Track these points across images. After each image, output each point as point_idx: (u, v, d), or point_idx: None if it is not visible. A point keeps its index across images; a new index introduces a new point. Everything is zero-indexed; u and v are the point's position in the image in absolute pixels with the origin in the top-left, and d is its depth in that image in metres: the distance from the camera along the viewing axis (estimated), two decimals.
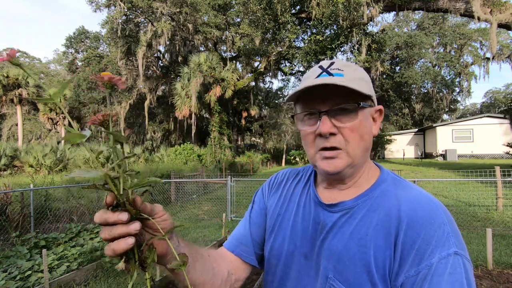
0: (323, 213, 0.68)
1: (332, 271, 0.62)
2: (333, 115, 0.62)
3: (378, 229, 0.59)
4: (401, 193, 0.62)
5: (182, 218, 7.23)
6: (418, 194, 0.61)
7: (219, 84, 19.25)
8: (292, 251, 0.70)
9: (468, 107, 54.76)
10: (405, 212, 0.58)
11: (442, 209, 0.58)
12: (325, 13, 15.07)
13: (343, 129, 0.62)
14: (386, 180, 0.67)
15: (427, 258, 0.53)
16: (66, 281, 3.27)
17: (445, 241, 0.54)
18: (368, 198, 0.64)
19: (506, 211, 6.32)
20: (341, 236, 0.63)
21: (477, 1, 13.04)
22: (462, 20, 31.37)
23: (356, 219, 0.63)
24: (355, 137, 0.62)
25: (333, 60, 0.67)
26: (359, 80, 0.64)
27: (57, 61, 47.22)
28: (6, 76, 24.81)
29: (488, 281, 3.33)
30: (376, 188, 0.65)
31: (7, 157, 15.85)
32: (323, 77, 0.63)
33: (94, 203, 7.28)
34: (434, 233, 0.54)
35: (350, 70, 0.65)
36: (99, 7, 22.06)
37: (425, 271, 0.52)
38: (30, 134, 36.77)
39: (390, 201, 0.62)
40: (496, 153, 21.77)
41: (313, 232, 0.68)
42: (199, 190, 10.54)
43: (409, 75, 29.32)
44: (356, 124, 0.62)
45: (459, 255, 0.53)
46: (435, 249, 0.53)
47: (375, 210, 0.62)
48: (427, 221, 0.56)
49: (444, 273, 0.51)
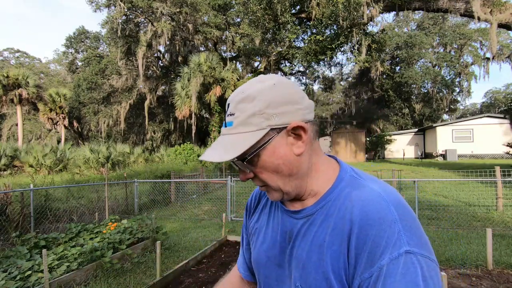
0: (289, 221, 0.69)
1: (299, 280, 0.63)
2: (241, 164, 0.64)
3: (333, 234, 0.59)
4: (355, 193, 0.61)
5: (182, 218, 7.23)
6: (370, 192, 0.59)
7: (219, 84, 19.25)
8: (266, 262, 0.72)
9: (468, 107, 54.80)
10: (356, 214, 0.57)
11: (394, 205, 0.56)
12: (325, 13, 15.07)
13: (254, 173, 0.64)
14: (343, 179, 0.66)
15: (378, 259, 0.52)
16: (66, 281, 3.27)
17: (396, 241, 0.52)
18: (326, 202, 0.64)
19: (506, 211, 6.32)
20: (305, 245, 0.64)
21: (477, 1, 13.04)
22: (462, 20, 31.36)
23: (316, 226, 0.63)
24: (268, 176, 0.63)
25: (231, 98, 0.64)
26: (250, 118, 0.60)
27: (57, 61, 47.21)
28: (6, 76, 24.80)
29: (488, 281, 3.33)
30: (333, 191, 0.65)
31: (7, 157, 15.86)
32: (222, 129, 0.65)
33: (94, 203, 7.28)
34: (384, 234, 0.53)
35: (243, 107, 0.61)
36: (99, 7, 22.07)
37: (377, 273, 0.51)
38: (30, 134, 36.76)
39: (345, 203, 0.61)
40: (496, 153, 21.77)
41: (282, 241, 0.70)
42: (199, 190, 10.53)
43: (409, 75, 29.30)
44: (259, 167, 0.63)
45: (411, 253, 0.51)
46: (386, 250, 0.52)
47: (332, 214, 0.62)
48: (377, 221, 0.54)
49: (396, 274, 0.50)
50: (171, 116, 26.10)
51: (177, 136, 28.02)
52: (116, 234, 4.50)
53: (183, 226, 6.44)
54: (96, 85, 26.04)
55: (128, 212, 7.79)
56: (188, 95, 19.11)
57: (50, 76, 44.08)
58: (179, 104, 19.37)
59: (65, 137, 29.11)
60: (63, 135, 28.78)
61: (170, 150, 18.50)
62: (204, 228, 6.19)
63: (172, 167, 12.14)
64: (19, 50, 45.79)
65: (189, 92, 19.02)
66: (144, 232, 4.80)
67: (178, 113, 19.59)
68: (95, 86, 26.05)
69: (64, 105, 26.47)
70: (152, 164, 14.72)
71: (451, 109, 37.03)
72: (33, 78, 26.83)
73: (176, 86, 19.80)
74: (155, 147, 26.56)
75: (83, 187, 7.78)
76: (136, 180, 8.31)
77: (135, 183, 8.19)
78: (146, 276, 3.72)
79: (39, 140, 36.01)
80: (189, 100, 19.08)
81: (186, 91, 19.13)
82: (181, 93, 19.32)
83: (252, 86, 0.63)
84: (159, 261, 3.47)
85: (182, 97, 19.23)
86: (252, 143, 0.59)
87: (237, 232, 5.65)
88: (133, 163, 15.88)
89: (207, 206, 8.49)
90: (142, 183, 8.83)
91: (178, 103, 19.48)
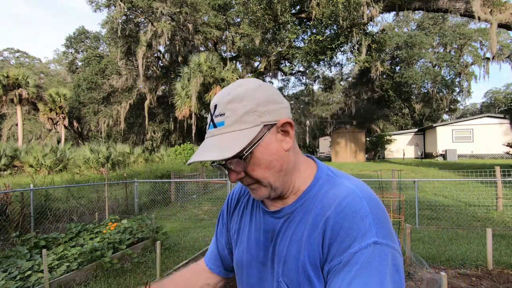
0: (271, 221, 0.72)
1: (281, 275, 0.66)
2: (231, 166, 0.64)
3: (310, 229, 0.63)
4: (331, 191, 0.65)
5: (182, 218, 7.22)
6: (345, 189, 0.63)
7: (219, 84, 19.25)
8: (249, 261, 0.75)
9: (468, 107, 54.82)
10: (332, 210, 0.61)
11: (367, 200, 0.60)
12: (325, 13, 15.07)
13: (246, 172, 0.65)
14: (321, 178, 0.69)
15: (347, 248, 0.56)
16: (66, 281, 3.27)
17: (366, 232, 0.55)
18: (305, 200, 0.68)
19: (506, 211, 6.32)
20: (285, 241, 0.67)
21: (477, 1, 13.04)
22: (462, 20, 31.36)
23: (295, 223, 0.67)
24: (260, 173, 0.64)
25: (217, 100, 0.65)
26: (243, 116, 0.62)
27: (57, 61, 47.21)
28: (6, 76, 24.80)
29: (488, 281, 3.33)
30: (311, 189, 0.68)
31: (7, 157, 15.86)
32: (209, 130, 0.65)
33: (94, 203, 7.28)
34: (355, 225, 0.57)
35: (234, 106, 0.62)
36: (99, 7, 22.08)
37: (346, 260, 0.55)
38: (30, 134, 36.76)
39: (322, 200, 0.64)
40: (496, 153, 21.77)
41: (264, 240, 0.72)
42: (199, 190, 10.53)
43: (409, 75, 29.30)
44: (253, 164, 0.64)
45: (379, 244, 0.55)
46: (356, 240, 0.55)
47: (310, 211, 0.65)
48: (350, 214, 0.58)
49: (362, 261, 0.54)
50: (171, 116, 26.10)
51: (177, 136, 28.01)
52: (116, 234, 4.50)
53: (183, 226, 6.44)
54: (96, 85, 26.04)
55: (128, 212, 7.79)
56: (188, 95, 19.11)
57: (50, 76, 44.09)
58: (179, 104, 19.37)
59: (65, 137, 29.12)
60: (63, 135, 28.78)
61: (170, 150, 18.48)
62: (204, 228, 6.19)
63: (172, 167, 12.13)
64: (19, 50, 45.84)
65: (189, 92, 19.02)
66: (144, 232, 4.80)
67: (178, 113, 19.59)
68: (95, 86, 26.05)
69: (64, 105, 26.47)
70: (152, 164, 14.70)
71: (451, 109, 37.04)
72: (33, 78, 26.83)
73: (176, 86, 19.80)
74: (155, 147, 26.54)
75: (83, 187, 7.78)
76: (136, 180, 8.31)
77: (135, 183, 8.19)
78: (146, 276, 3.72)
79: (39, 140, 36.01)
80: (189, 100, 19.08)
81: (186, 91, 19.13)
82: (181, 93, 19.32)
83: (237, 88, 0.65)
84: (159, 261, 3.47)
85: (182, 97, 19.23)
86: (249, 139, 0.61)
87: None
88: (133, 163, 15.87)
89: (207, 206, 8.49)
90: (142, 183, 8.83)
91: (178, 103, 19.48)
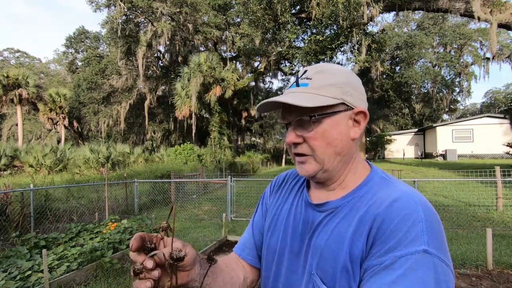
0: (312, 213, 0.71)
1: (315, 268, 0.64)
2: (295, 126, 0.66)
3: (356, 225, 0.61)
4: (384, 192, 0.63)
5: (182, 218, 7.22)
6: (400, 191, 0.61)
7: (219, 84, 19.25)
8: (283, 249, 0.73)
9: (468, 107, 54.80)
10: (383, 209, 0.59)
11: (422, 206, 0.57)
12: (325, 13, 15.07)
13: (306, 138, 0.65)
14: (373, 179, 0.68)
15: (392, 250, 0.53)
16: (66, 281, 3.26)
17: (416, 238, 0.52)
18: (352, 198, 0.67)
19: (506, 211, 6.32)
20: (324, 234, 0.65)
21: (477, 1, 13.04)
22: (462, 20, 31.35)
23: (339, 217, 0.65)
24: (320, 145, 0.65)
25: (308, 68, 0.68)
26: (328, 86, 0.64)
27: (57, 61, 47.20)
28: (6, 76, 24.79)
29: (488, 281, 3.33)
30: (361, 188, 0.67)
31: (7, 157, 15.85)
32: (291, 89, 0.67)
33: (94, 203, 7.28)
34: (404, 228, 0.54)
35: (322, 76, 0.66)
36: (99, 7, 22.07)
37: (387, 262, 0.53)
38: (30, 134, 36.74)
39: (372, 199, 0.63)
40: (496, 153, 21.77)
41: (302, 230, 0.71)
42: (199, 190, 10.53)
43: (409, 75, 29.29)
44: (317, 133, 0.65)
45: (429, 254, 0.51)
46: (402, 243, 0.53)
47: (358, 208, 0.64)
48: (401, 216, 0.55)
49: (406, 268, 0.51)
50: (171, 116, 26.10)
51: (177, 136, 28.00)
52: (116, 234, 4.50)
53: (183, 226, 6.43)
54: (96, 85, 26.03)
55: (128, 212, 7.79)
56: (188, 95, 19.10)
57: (50, 76, 44.08)
58: (179, 104, 19.36)
59: (65, 137, 29.11)
60: (63, 135, 28.78)
61: (170, 150, 18.48)
62: (204, 228, 6.18)
63: (172, 167, 12.13)
64: (19, 50, 45.82)
65: (189, 92, 19.02)
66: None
67: (178, 113, 19.59)
68: (95, 86, 26.04)
69: (64, 105, 26.47)
70: (152, 164, 14.70)
71: (451, 109, 37.03)
72: (33, 78, 26.81)
73: (176, 86, 19.80)
74: (155, 147, 26.54)
75: (83, 187, 7.78)
76: (136, 180, 8.31)
77: (135, 183, 8.19)
78: None
79: (39, 140, 36.00)
80: (189, 100, 19.08)
81: (186, 91, 19.12)
82: (181, 93, 19.32)
83: (330, 66, 0.68)
84: None
85: (182, 97, 19.23)
86: (326, 104, 0.63)
87: (237, 232, 5.65)
88: (133, 163, 15.86)
89: (207, 206, 8.49)
90: (142, 183, 8.83)
91: (178, 103, 19.47)
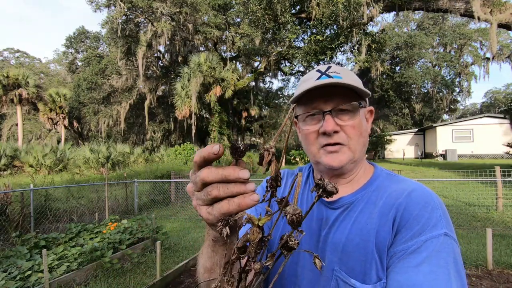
0: (325, 210, 0.71)
1: (337, 263, 0.64)
2: (335, 114, 0.68)
3: (377, 217, 0.63)
4: (397, 185, 0.67)
5: (182, 218, 7.22)
6: (413, 184, 0.66)
7: (219, 84, 19.24)
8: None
9: (468, 107, 54.77)
10: (404, 198, 0.62)
11: (435, 195, 0.63)
12: (325, 13, 15.07)
13: (345, 127, 0.68)
14: (380, 175, 0.73)
15: (417, 235, 0.57)
16: (66, 281, 3.27)
17: (437, 223, 0.57)
18: (366, 192, 0.69)
19: (506, 211, 6.32)
20: (343, 229, 0.66)
21: (477, 1, 13.05)
22: (462, 20, 31.35)
23: (356, 212, 0.67)
24: (356, 134, 0.68)
25: (330, 65, 0.72)
26: (358, 81, 0.70)
27: (57, 61, 47.19)
28: (6, 76, 24.79)
29: (488, 281, 3.33)
30: (372, 183, 0.70)
31: (7, 157, 15.85)
32: (324, 79, 0.67)
33: (94, 203, 7.28)
34: (426, 214, 0.58)
35: (346, 73, 0.71)
36: (99, 7, 22.06)
37: (414, 247, 0.56)
38: (30, 134, 36.74)
39: (387, 191, 0.67)
40: (496, 153, 21.76)
41: (316, 228, 0.71)
42: None
43: (409, 75, 29.28)
44: (356, 122, 0.68)
45: (448, 236, 0.56)
46: (426, 228, 0.57)
47: (374, 202, 0.66)
48: (421, 204, 0.60)
49: (431, 249, 0.55)
50: (171, 116, 26.09)
51: (177, 136, 28.00)
52: (116, 234, 4.50)
53: (183, 226, 6.44)
54: (96, 85, 26.02)
55: (128, 212, 7.79)
56: (188, 95, 19.10)
57: (50, 76, 44.07)
58: (179, 104, 19.36)
59: (65, 137, 29.11)
60: (63, 135, 28.77)
61: (170, 150, 18.48)
62: (204, 228, 6.16)
63: (172, 167, 12.12)
64: (19, 50, 45.80)
65: (189, 92, 19.01)
66: (144, 232, 4.80)
67: (178, 113, 19.58)
68: (95, 86, 26.03)
69: (64, 105, 26.46)
70: (152, 164, 14.69)
71: (451, 109, 37.02)
72: (33, 78, 26.81)
73: (176, 86, 19.79)
74: (155, 147, 26.53)
75: (83, 187, 7.77)
76: (136, 180, 8.30)
77: (135, 183, 8.18)
78: (146, 276, 3.72)
79: (39, 140, 36.00)
80: (189, 100, 19.07)
81: (186, 91, 19.12)
82: (181, 93, 19.31)
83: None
84: (159, 261, 3.47)
85: (182, 97, 19.22)
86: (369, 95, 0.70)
87: None
88: (133, 163, 15.86)
89: None
90: (142, 183, 8.82)
91: (178, 103, 19.46)
